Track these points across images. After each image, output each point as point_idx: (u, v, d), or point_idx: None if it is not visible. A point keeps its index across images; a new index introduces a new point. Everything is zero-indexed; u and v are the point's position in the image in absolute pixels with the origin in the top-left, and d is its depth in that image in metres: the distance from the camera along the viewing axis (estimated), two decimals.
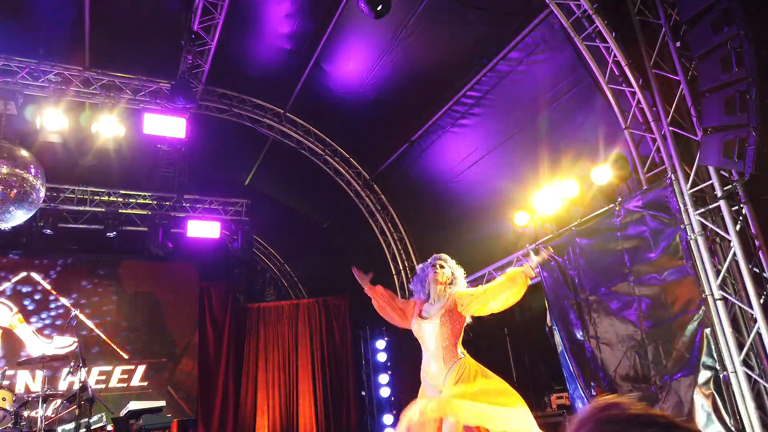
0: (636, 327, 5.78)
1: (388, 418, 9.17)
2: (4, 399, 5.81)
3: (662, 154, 5.64)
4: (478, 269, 8.57)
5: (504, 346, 8.76)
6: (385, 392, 9.48)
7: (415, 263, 10.43)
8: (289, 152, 9.78)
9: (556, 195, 6.90)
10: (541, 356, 7.73)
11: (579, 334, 6.37)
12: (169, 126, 7.64)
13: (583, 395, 6.15)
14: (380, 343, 9.82)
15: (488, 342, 8.82)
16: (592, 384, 6.11)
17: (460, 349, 4.03)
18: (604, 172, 6.33)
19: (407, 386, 9.58)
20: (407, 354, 9.67)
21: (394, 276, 10.51)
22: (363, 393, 9.75)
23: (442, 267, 4.26)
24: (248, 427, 9.18)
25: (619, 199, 6.08)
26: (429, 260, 4.45)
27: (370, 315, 10.04)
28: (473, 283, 8.59)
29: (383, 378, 9.59)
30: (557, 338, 6.65)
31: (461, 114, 7.92)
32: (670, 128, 5.48)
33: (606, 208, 6.27)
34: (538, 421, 7.43)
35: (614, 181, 6.36)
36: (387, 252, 10.54)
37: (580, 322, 6.33)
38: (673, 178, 5.49)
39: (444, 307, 4.09)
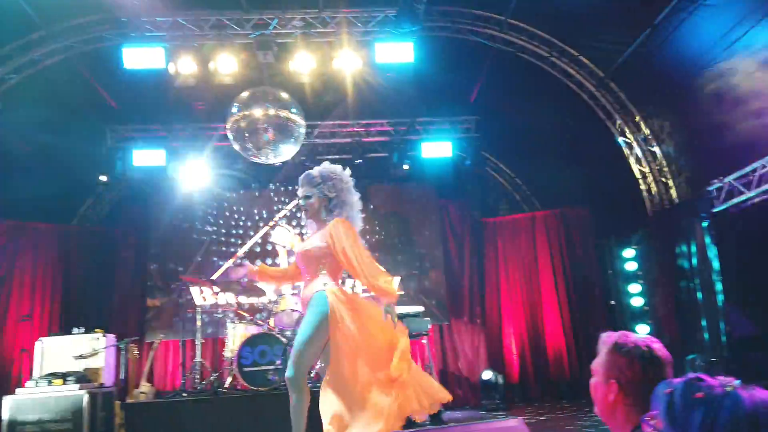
0: None
1: (642, 328, 8.80)
2: (297, 302, 7.01)
3: None
4: (745, 165, 7.48)
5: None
6: (637, 302, 9.08)
7: (664, 168, 9.40)
8: (512, 61, 9.45)
9: None
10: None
11: None
12: (397, 52, 7.97)
13: None
14: (628, 252, 9.33)
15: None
16: None
17: (325, 279, 3.72)
18: None
19: (661, 295, 8.97)
20: (661, 262, 8.99)
21: (641, 185, 9.54)
22: (612, 302, 9.45)
23: (307, 198, 3.79)
24: (496, 333, 9.65)
25: None
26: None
27: (614, 223, 9.54)
28: (740, 180, 7.51)
29: (634, 287, 9.17)
30: None
31: None
32: None
33: None
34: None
35: None
36: (630, 158, 9.69)
37: None
38: None
39: (316, 236, 3.82)
